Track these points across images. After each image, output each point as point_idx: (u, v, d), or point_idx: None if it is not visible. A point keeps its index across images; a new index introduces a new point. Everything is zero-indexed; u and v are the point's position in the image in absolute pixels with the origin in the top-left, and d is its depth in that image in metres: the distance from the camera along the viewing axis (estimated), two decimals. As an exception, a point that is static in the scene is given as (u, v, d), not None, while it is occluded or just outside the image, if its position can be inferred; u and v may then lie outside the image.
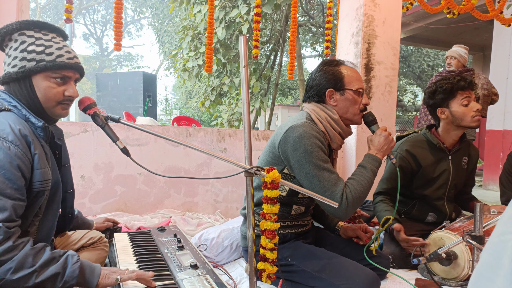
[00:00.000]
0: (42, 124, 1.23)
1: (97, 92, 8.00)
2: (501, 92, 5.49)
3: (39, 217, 1.25)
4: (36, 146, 1.18)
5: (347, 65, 1.67)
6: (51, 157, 1.30)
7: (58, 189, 1.31)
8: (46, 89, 1.22)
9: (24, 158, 1.14)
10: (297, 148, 1.50)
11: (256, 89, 6.67)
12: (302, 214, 1.72)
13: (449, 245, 1.65)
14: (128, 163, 2.77)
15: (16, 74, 1.20)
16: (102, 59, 25.77)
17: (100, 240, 1.65)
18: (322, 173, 1.49)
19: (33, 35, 1.23)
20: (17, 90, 1.23)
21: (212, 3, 3.31)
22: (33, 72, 1.21)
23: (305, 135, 1.50)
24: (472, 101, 2.02)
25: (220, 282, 1.27)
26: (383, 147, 1.61)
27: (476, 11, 3.55)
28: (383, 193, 2.14)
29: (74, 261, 1.14)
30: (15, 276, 1.06)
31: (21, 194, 1.12)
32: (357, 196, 1.50)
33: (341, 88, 1.62)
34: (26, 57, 1.20)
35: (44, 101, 1.24)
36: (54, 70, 1.22)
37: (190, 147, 1.19)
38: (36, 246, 1.13)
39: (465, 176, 2.24)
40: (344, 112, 1.64)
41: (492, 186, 5.83)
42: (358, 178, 1.55)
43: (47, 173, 1.22)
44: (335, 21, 3.90)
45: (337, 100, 1.63)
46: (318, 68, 1.68)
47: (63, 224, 1.48)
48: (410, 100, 16.62)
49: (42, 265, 1.09)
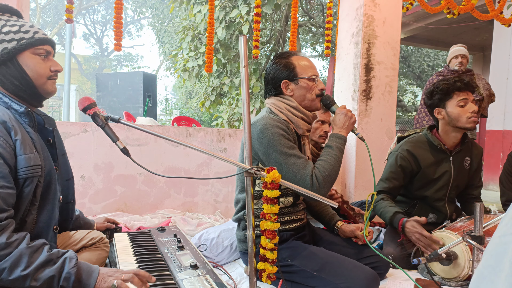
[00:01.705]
0: (24, 110, 1.22)
1: (97, 92, 8.00)
2: (501, 92, 5.50)
3: (36, 206, 1.22)
4: (17, 132, 1.16)
5: (298, 55, 1.72)
6: (42, 143, 1.28)
7: (53, 176, 1.28)
8: (35, 66, 1.24)
9: (5, 144, 1.11)
10: (261, 141, 1.55)
11: (256, 89, 6.67)
12: (293, 207, 1.72)
13: (449, 245, 1.65)
14: (128, 163, 2.77)
15: (1, 57, 1.19)
16: (102, 59, 25.77)
17: (101, 241, 1.65)
18: (289, 159, 1.53)
19: (0, 19, 1.24)
20: (6, 72, 1.22)
21: (212, 3, 3.31)
22: (18, 51, 1.21)
23: (265, 127, 1.55)
24: (470, 102, 2.01)
25: (220, 282, 1.27)
26: (344, 124, 1.66)
27: (476, 11, 3.55)
28: (383, 191, 2.14)
29: (72, 265, 1.10)
30: (10, 277, 1.02)
31: (7, 182, 1.09)
32: (327, 175, 1.53)
33: (294, 78, 1.67)
34: (5, 39, 1.20)
35: (36, 78, 1.24)
36: (37, 46, 1.24)
37: (190, 147, 1.19)
38: (34, 244, 1.08)
39: (467, 177, 2.22)
40: (302, 100, 1.68)
41: (492, 186, 5.82)
42: (325, 158, 1.58)
43: (33, 159, 1.18)
44: (335, 21, 3.91)
45: (293, 90, 1.68)
46: (271, 62, 1.74)
47: (66, 212, 1.46)
48: (410, 100, 16.62)
49: (37, 267, 1.05)
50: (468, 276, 1.72)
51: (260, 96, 7.16)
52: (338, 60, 3.55)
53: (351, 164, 3.29)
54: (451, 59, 3.62)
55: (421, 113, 3.77)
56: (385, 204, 2.05)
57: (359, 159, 3.25)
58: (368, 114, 3.29)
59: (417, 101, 18.12)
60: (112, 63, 26.26)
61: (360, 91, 3.24)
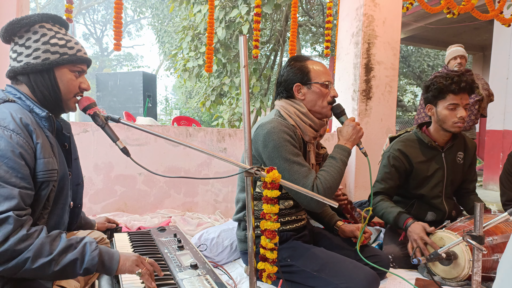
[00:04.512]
0: (45, 114, 1.24)
1: (97, 92, 8.01)
2: (501, 92, 5.50)
3: (48, 210, 1.23)
4: (38, 136, 1.18)
5: (314, 60, 1.72)
6: (58, 148, 1.29)
7: (66, 182, 1.29)
8: (68, 82, 1.27)
9: (27, 146, 1.13)
10: (266, 144, 1.54)
11: (256, 89, 6.67)
12: (293, 208, 1.72)
13: (449, 245, 1.65)
14: (128, 163, 2.77)
15: (41, 66, 1.22)
16: (102, 59, 25.77)
17: (102, 241, 1.65)
18: (292, 166, 1.52)
19: (51, 29, 1.27)
20: (39, 81, 1.24)
21: (212, 3, 3.31)
22: (58, 64, 1.24)
23: (273, 131, 1.54)
24: (461, 107, 1.99)
25: (220, 282, 1.27)
26: (351, 137, 1.65)
27: (476, 11, 3.55)
28: (380, 193, 2.14)
29: (93, 248, 1.13)
30: (34, 265, 1.04)
31: (27, 183, 1.11)
32: (328, 187, 1.52)
33: (307, 82, 1.66)
34: (50, 50, 1.23)
35: (65, 93, 1.27)
36: (76, 64, 1.28)
37: (190, 147, 1.19)
38: (51, 233, 1.11)
39: (462, 171, 2.22)
40: (312, 105, 1.67)
41: (492, 186, 5.83)
42: (328, 169, 1.58)
43: (51, 163, 1.20)
44: (335, 21, 3.91)
45: (304, 94, 1.67)
46: (286, 64, 1.73)
47: (72, 216, 1.46)
48: (410, 100, 16.61)
49: (59, 252, 1.08)
50: (468, 276, 1.72)
51: (260, 96, 7.16)
52: (338, 60, 3.55)
53: (351, 164, 3.29)
54: (450, 60, 3.59)
55: (421, 113, 3.77)
56: (386, 205, 2.05)
57: (359, 159, 3.25)
58: (368, 114, 3.29)
59: (417, 101, 18.11)
60: (112, 63, 26.26)
61: (360, 91, 3.24)
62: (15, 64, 1.24)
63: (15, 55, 1.24)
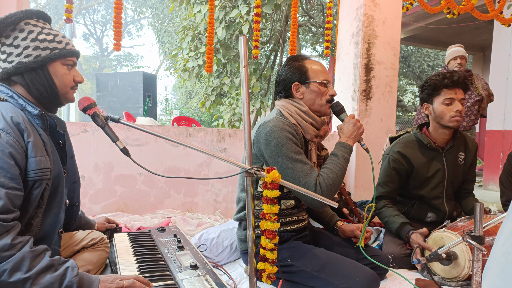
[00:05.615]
0: (38, 112, 1.23)
1: (97, 92, 8.00)
2: (501, 92, 5.50)
3: (42, 208, 1.22)
4: (30, 134, 1.16)
5: (312, 59, 1.72)
6: (52, 146, 1.28)
7: (61, 180, 1.28)
8: (63, 76, 1.28)
9: (17, 145, 1.11)
10: (268, 143, 1.55)
11: (256, 89, 6.67)
12: (294, 208, 1.72)
13: (449, 245, 1.65)
14: (128, 163, 2.77)
15: (34, 63, 1.22)
16: (102, 59, 25.77)
17: (101, 241, 1.65)
18: (295, 164, 1.53)
19: (36, 25, 1.26)
20: (34, 79, 1.23)
21: (212, 3, 3.31)
22: (51, 60, 1.24)
23: (274, 130, 1.55)
24: (456, 101, 1.99)
25: (220, 282, 1.26)
26: (352, 134, 1.65)
27: (476, 11, 3.55)
28: (383, 197, 2.14)
29: (74, 274, 1.09)
30: (10, 279, 1.01)
31: (16, 183, 1.09)
32: (331, 183, 1.52)
33: (306, 81, 1.67)
34: (40, 46, 1.23)
35: (61, 88, 1.28)
36: (67, 57, 1.28)
37: (190, 147, 1.19)
38: (36, 248, 1.08)
39: (462, 172, 2.21)
40: (311, 103, 1.68)
41: (492, 186, 5.83)
42: (330, 166, 1.58)
43: (43, 162, 1.18)
44: (335, 21, 3.91)
45: (303, 93, 1.68)
46: (284, 64, 1.74)
47: (70, 214, 1.46)
48: (410, 100, 16.61)
49: (38, 272, 1.03)
50: (468, 276, 1.72)
51: (260, 96, 7.16)
52: (338, 60, 3.55)
53: (351, 164, 3.29)
54: (450, 60, 3.58)
55: (421, 113, 3.76)
56: (389, 213, 2.06)
57: (359, 159, 3.25)
58: (368, 114, 3.29)
59: (417, 101, 18.10)
60: (112, 63, 26.27)
61: (360, 91, 3.24)
62: (6, 65, 1.22)
63: (5, 56, 1.22)
